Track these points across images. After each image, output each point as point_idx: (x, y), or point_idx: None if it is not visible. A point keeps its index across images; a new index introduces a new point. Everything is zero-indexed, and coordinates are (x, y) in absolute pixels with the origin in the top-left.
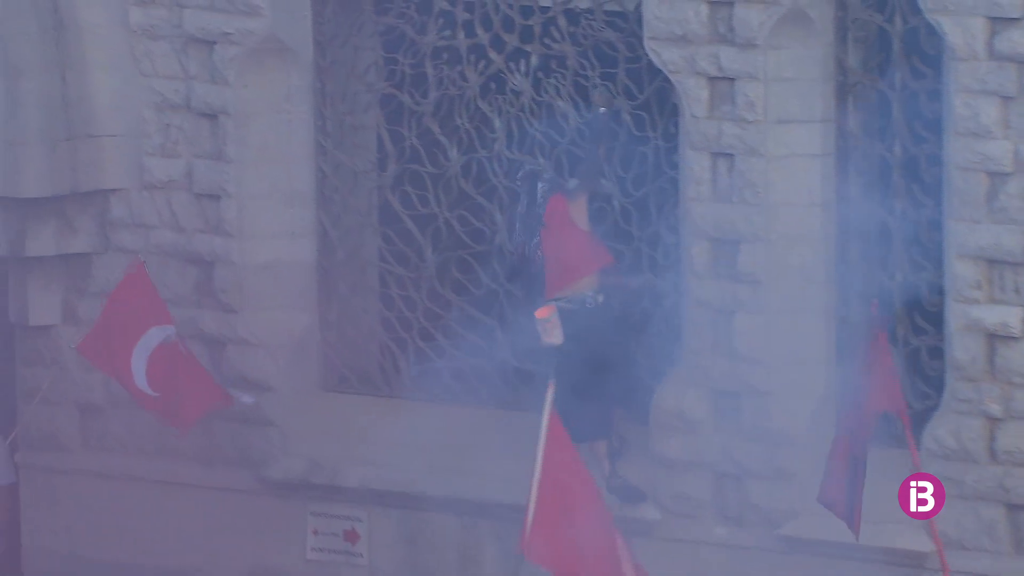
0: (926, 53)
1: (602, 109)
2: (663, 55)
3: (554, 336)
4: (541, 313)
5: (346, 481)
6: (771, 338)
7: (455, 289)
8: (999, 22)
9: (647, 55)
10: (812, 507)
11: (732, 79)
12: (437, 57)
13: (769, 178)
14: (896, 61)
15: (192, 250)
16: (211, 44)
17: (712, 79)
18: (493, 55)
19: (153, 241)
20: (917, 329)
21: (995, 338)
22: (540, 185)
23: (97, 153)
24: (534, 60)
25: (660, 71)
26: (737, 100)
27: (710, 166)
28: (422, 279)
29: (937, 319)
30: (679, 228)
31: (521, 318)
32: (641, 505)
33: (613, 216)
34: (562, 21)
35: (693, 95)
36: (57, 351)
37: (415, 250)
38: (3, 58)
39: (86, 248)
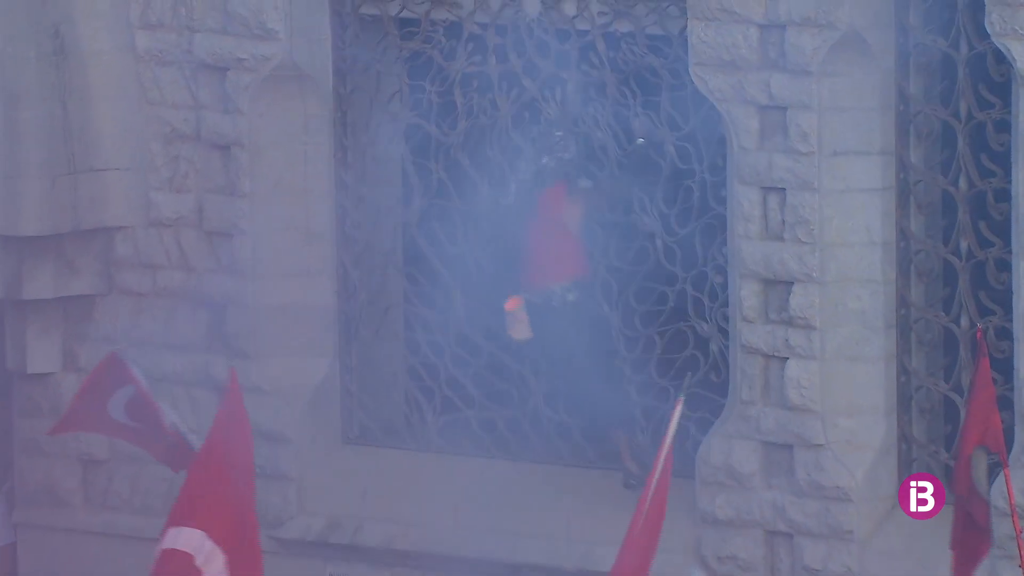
0: (993, 80)
1: (640, 140)
2: (710, 82)
3: (521, 331)
4: (509, 305)
5: (368, 540)
6: (826, 387)
7: (486, 334)
8: None
9: (692, 82)
10: (869, 568)
11: (784, 108)
12: (467, 84)
13: (824, 214)
14: (961, 89)
15: (203, 292)
16: (223, 70)
17: (762, 108)
18: (527, 82)
19: (160, 282)
20: None
21: None
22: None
23: (100, 188)
24: (571, 87)
25: (706, 99)
26: (789, 131)
27: (760, 201)
28: (450, 323)
29: (1006, 367)
30: (727, 268)
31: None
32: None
33: (656, 255)
34: (601, 45)
35: (742, 125)
36: (57, 400)
37: (442, 291)
38: (0, 86)
39: (88, 290)
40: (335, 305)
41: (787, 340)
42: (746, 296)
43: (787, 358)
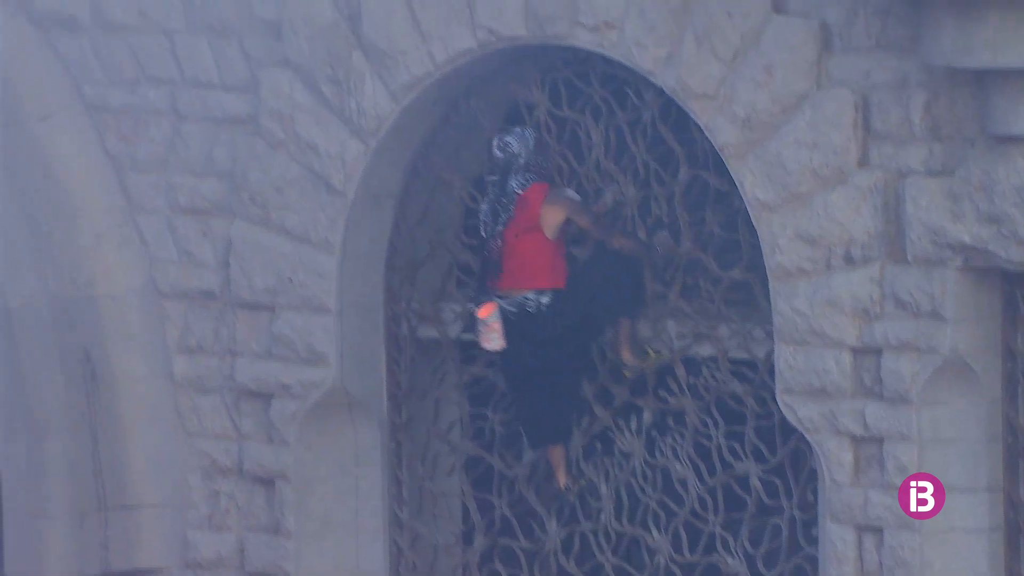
0: None
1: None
2: (799, 411)
3: (493, 341)
4: (482, 312)
5: None
6: None
7: None
8: None
9: (780, 411)
10: None
11: (880, 439)
12: None
13: (926, 557)
14: None
15: None
16: (268, 398)
17: (857, 439)
18: (598, 410)
19: None
20: None
21: None
22: (517, 168)
23: (133, 526)
24: (647, 417)
25: (795, 430)
26: (887, 464)
27: (855, 542)
28: None
29: None
30: None
31: None
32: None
33: None
34: (680, 371)
35: (834, 458)
36: None
37: None
38: (26, 415)
39: None
40: None
41: None
42: None
43: None
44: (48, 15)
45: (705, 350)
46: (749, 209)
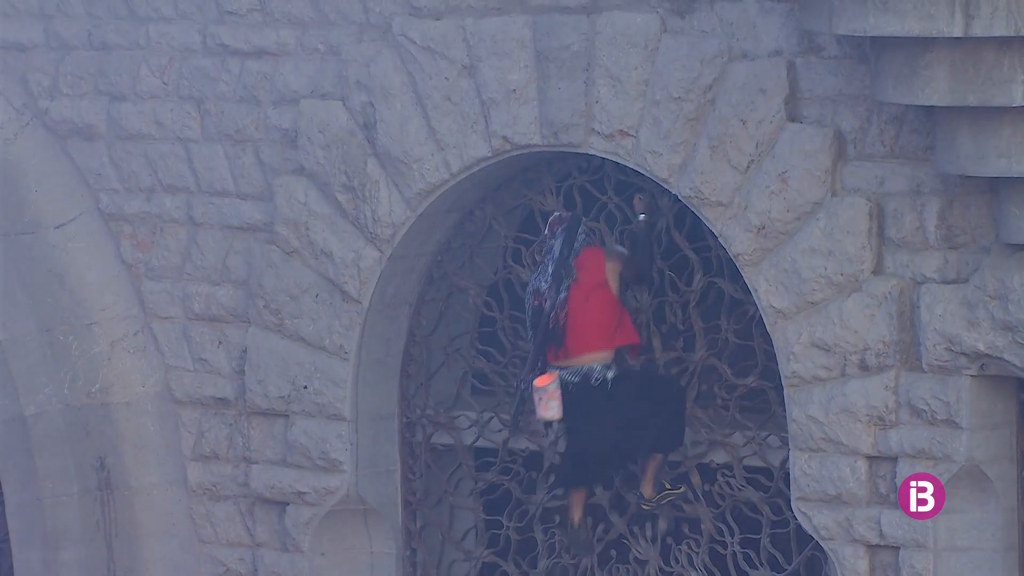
0: None
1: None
2: (814, 519)
3: (550, 409)
4: (541, 381)
5: None
6: None
7: None
8: None
9: (795, 518)
10: None
11: (896, 548)
12: (547, 519)
13: None
14: None
15: None
16: (282, 505)
17: (872, 548)
18: (614, 518)
19: None
20: None
21: None
22: (581, 231)
23: None
24: (662, 524)
25: (811, 537)
26: (902, 572)
27: None
28: None
29: None
30: None
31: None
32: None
33: None
34: (695, 478)
35: (850, 566)
36: None
37: None
38: (41, 522)
39: None
40: None
41: None
42: None
43: None
44: (65, 124)
45: (720, 457)
46: (764, 316)
